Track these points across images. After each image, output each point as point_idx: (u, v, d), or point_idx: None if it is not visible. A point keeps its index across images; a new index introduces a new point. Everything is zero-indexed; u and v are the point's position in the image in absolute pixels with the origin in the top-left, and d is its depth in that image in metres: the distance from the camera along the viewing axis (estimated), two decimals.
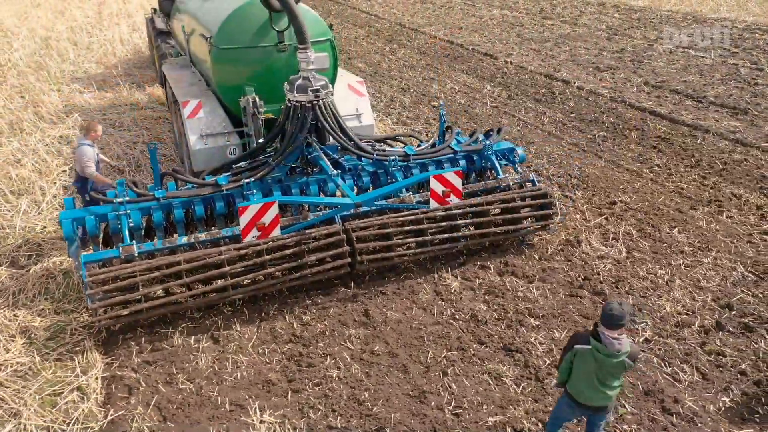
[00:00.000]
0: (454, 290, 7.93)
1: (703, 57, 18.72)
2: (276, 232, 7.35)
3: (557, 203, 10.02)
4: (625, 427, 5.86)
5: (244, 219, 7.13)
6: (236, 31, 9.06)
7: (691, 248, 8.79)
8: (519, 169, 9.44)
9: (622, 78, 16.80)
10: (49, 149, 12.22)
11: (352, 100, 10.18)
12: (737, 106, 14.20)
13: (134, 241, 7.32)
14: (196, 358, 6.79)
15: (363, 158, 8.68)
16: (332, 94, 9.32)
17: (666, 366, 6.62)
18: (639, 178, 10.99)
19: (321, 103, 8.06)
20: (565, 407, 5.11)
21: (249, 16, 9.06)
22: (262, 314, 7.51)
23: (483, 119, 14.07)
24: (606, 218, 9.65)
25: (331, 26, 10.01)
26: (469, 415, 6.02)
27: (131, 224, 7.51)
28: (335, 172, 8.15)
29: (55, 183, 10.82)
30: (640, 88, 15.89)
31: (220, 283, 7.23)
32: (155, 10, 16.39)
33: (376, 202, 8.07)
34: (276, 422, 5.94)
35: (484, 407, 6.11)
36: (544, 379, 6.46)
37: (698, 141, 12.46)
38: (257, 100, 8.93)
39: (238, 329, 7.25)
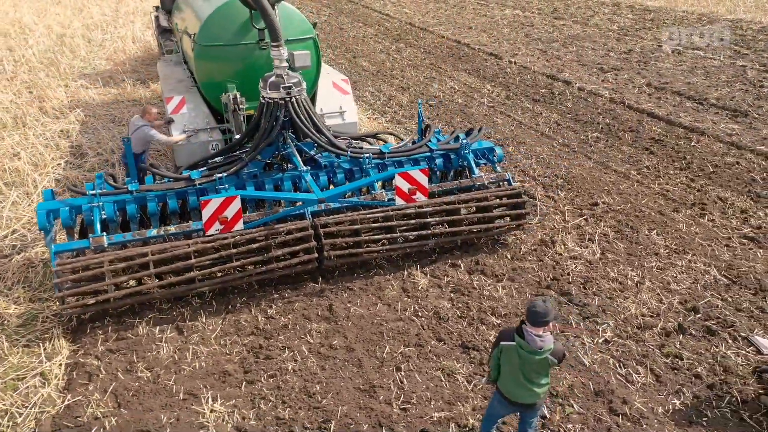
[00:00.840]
0: (422, 287, 7.99)
1: (711, 59, 18.43)
2: (239, 225, 7.48)
3: (538, 203, 10.04)
4: (570, 426, 5.87)
5: (206, 212, 7.28)
6: (218, 28, 9.22)
7: (667, 251, 8.72)
8: (498, 168, 9.44)
9: (625, 79, 16.64)
10: (48, 143, 12.55)
11: (336, 98, 10.29)
12: (738, 109, 13.99)
13: (104, 233, 7.50)
14: (158, 348, 6.96)
15: (339, 155, 8.76)
16: (306, 92, 9.46)
17: (621, 367, 6.60)
18: (625, 180, 10.91)
19: (294, 100, 8.15)
20: (497, 404, 5.15)
21: (230, 15, 9.21)
22: (229, 306, 7.66)
23: (478, 119, 14.07)
24: (585, 219, 9.62)
25: (315, 24, 10.11)
26: (416, 410, 6.08)
27: (104, 216, 7.70)
28: (305, 168, 8.26)
29: (48, 175, 11.10)
30: (641, 89, 15.73)
31: (187, 275, 7.37)
32: (157, 8, 16.69)
33: (340, 199, 8.13)
34: (226, 412, 6.07)
35: (432, 403, 6.16)
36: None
37: (692, 143, 12.31)
38: (238, 96, 9.08)
39: (204, 320, 7.40)
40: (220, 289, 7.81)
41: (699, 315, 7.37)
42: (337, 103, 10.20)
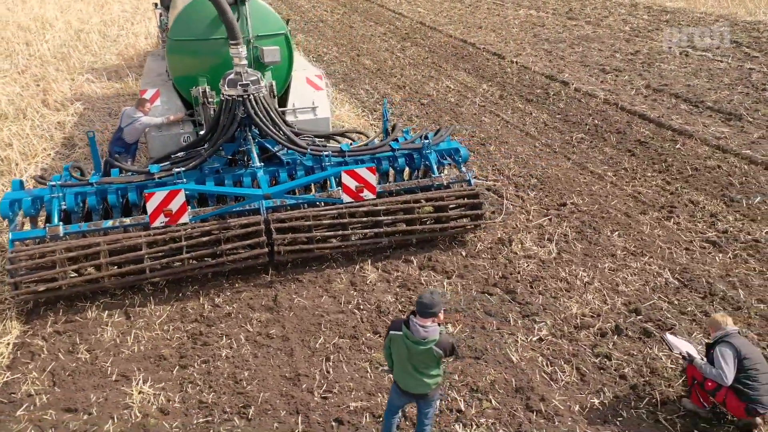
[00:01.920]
0: (370, 281, 8.10)
1: (719, 61, 18.07)
2: (184, 218, 7.69)
3: (506, 202, 10.06)
4: (483, 420, 5.93)
5: (151, 205, 7.51)
6: (189, 23, 9.45)
7: (624, 252, 8.67)
8: (463, 168, 9.47)
9: (625, 80, 16.43)
10: (43, 134, 13.01)
11: (308, 93, 10.43)
12: (733, 112, 13.72)
13: (62, 222, 7.80)
14: (103, 331, 7.22)
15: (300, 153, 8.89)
16: (278, 87, 9.65)
17: (548, 365, 6.62)
18: (599, 181, 10.83)
19: (251, 97, 8.31)
20: (394, 394, 5.25)
21: (202, 10, 9.42)
22: (179, 294, 7.89)
23: (466, 118, 14.09)
24: (550, 219, 9.60)
25: (287, 21, 10.27)
26: (335, 399, 6.21)
27: (64, 207, 7.99)
28: (259, 164, 8.43)
29: (37, 165, 11.52)
30: (638, 91, 15.52)
31: (138, 265, 7.61)
32: (156, 4, 17.07)
33: (286, 195, 8.27)
34: (152, 394, 6.29)
35: (353, 393, 6.28)
36: None
37: (677, 146, 12.14)
38: (207, 90, 9.31)
39: (152, 307, 7.65)
40: (172, 279, 8.02)
41: (640, 317, 7.33)
42: (310, 98, 10.35)
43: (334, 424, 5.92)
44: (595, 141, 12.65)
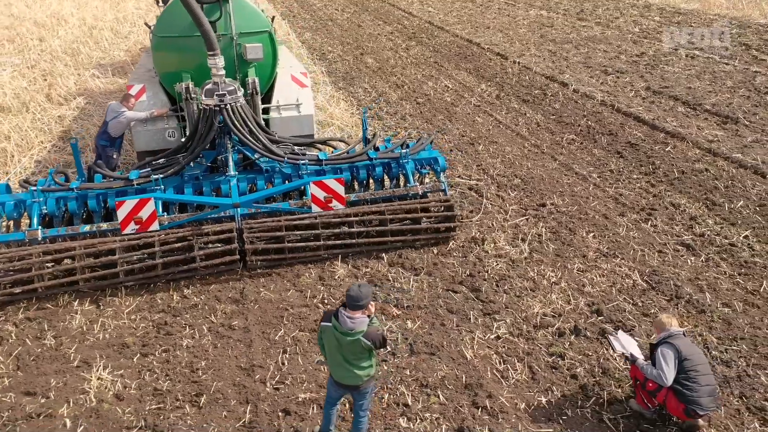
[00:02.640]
0: (339, 277, 8.21)
1: (725, 63, 17.84)
2: (154, 226, 7.89)
3: (485, 201, 10.10)
4: (427, 415, 5.99)
5: (121, 213, 7.72)
6: (174, 20, 9.63)
7: (596, 254, 8.65)
8: (442, 177, 9.46)
9: (626, 82, 16.31)
10: (43, 127, 13.34)
11: (293, 91, 10.54)
12: (730, 115, 13.56)
13: (40, 226, 8.03)
14: (72, 319, 7.43)
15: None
16: (261, 84, 9.79)
17: (501, 363, 6.66)
18: (583, 182, 10.81)
19: (228, 107, 8.44)
20: (330, 386, 5.34)
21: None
22: (150, 285, 8.07)
23: (459, 117, 14.13)
24: (527, 219, 9.62)
25: (273, 18, 10.40)
26: (286, 390, 6.33)
27: (45, 211, 8.22)
28: (233, 173, 8.59)
29: (32, 157, 11.83)
30: (637, 93, 15.41)
31: (112, 270, 7.83)
32: (158, 2, 17.33)
33: (254, 204, 8.41)
34: (110, 380, 6.46)
35: (304, 385, 6.39)
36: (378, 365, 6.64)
37: (667, 148, 12.04)
38: (191, 86, 9.47)
39: (123, 297, 7.85)
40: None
41: (601, 317, 7.33)
42: (294, 95, 10.46)
43: (281, 414, 6.03)
44: (585, 142, 12.60)
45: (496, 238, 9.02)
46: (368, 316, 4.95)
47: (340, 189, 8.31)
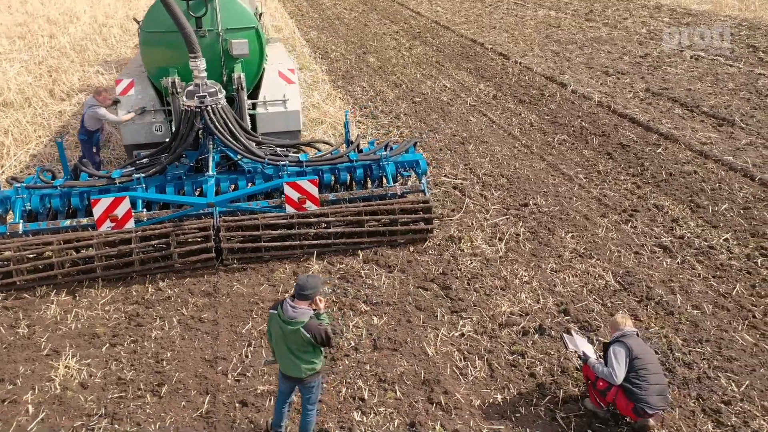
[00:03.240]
0: (312, 273, 8.28)
1: (730, 65, 17.63)
2: (130, 224, 8.04)
3: (467, 200, 10.12)
4: (382, 409, 6.06)
5: (97, 211, 7.88)
6: (161, 16, 9.72)
7: (572, 254, 8.64)
8: (424, 179, 9.49)
9: (626, 83, 16.20)
10: (42, 122, 13.60)
11: (280, 87, 10.64)
12: (727, 118, 13.42)
13: (21, 221, 8.22)
14: (47, 309, 7.59)
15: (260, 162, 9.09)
16: (248, 81, 9.92)
17: (461, 360, 6.70)
18: (568, 183, 10.78)
19: (209, 108, 8.57)
20: (279, 379, 5.42)
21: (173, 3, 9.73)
22: (128, 278, 8.21)
23: (454, 117, 14.14)
24: (507, 218, 9.63)
25: (260, 15, 10.51)
26: (246, 382, 6.43)
27: (29, 207, 8.42)
28: (211, 173, 8.73)
29: (28, 151, 12.08)
30: (636, 94, 15.30)
31: (89, 265, 8.01)
32: None
33: (228, 203, 8.54)
34: (77, 368, 6.61)
35: (264, 377, 6.49)
36: (338, 359, 6.72)
37: (658, 150, 11.96)
38: (177, 81, 9.63)
39: (99, 288, 8.01)
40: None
41: (567, 317, 7.33)
42: (281, 91, 10.56)
43: (238, 405, 6.13)
44: (576, 143, 12.55)
45: (474, 237, 9.05)
46: (315, 311, 5.02)
47: (313, 190, 8.40)
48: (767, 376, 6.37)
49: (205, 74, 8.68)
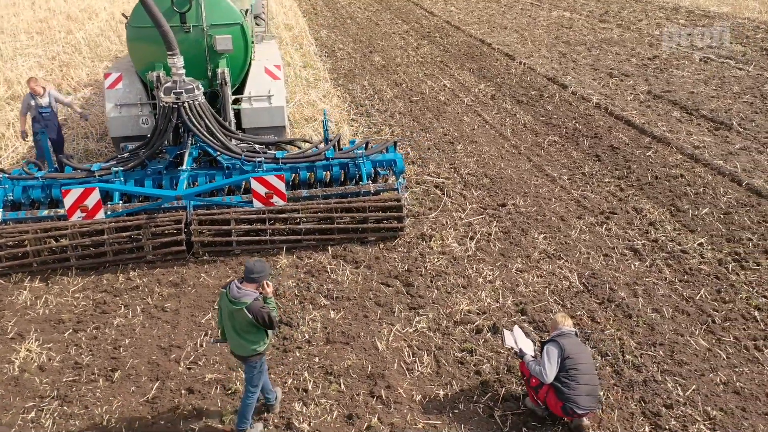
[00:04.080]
0: (280, 267, 8.43)
1: (739, 69, 17.32)
2: (100, 215, 8.27)
3: (445, 198, 10.15)
4: (323, 401, 6.16)
5: (68, 201, 8.12)
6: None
7: (541, 255, 8.63)
8: (402, 179, 9.56)
9: (628, 85, 16.02)
10: (8, 124, 13.94)
11: (265, 82, 10.78)
12: (725, 122, 13.21)
13: (1, 209, 8.50)
14: (19, 294, 7.85)
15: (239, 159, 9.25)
16: (233, 76, 10.11)
17: (410, 356, 6.76)
18: (551, 184, 10.74)
19: (186, 105, 8.76)
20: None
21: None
22: (101, 268, 8.44)
23: (448, 116, 14.17)
24: (483, 218, 9.64)
25: (247, 11, 10.68)
26: (196, 370, 6.59)
27: (11, 197, 8.70)
28: (186, 168, 8.91)
29: (27, 143, 12.43)
30: (636, 96, 15.13)
31: (63, 254, 8.29)
32: None
33: (195, 196, 8.72)
34: (37, 352, 6.84)
35: (215, 366, 6.64)
36: (290, 351, 6.83)
37: (648, 153, 11.83)
38: (162, 76, 9.85)
39: (72, 276, 8.24)
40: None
41: (524, 317, 7.33)
42: (266, 87, 10.70)
43: (184, 392, 6.28)
44: (566, 144, 12.48)
45: (446, 236, 9.08)
46: (261, 293, 5.21)
47: (280, 185, 8.53)
48: (715, 382, 6.30)
49: (183, 71, 8.87)
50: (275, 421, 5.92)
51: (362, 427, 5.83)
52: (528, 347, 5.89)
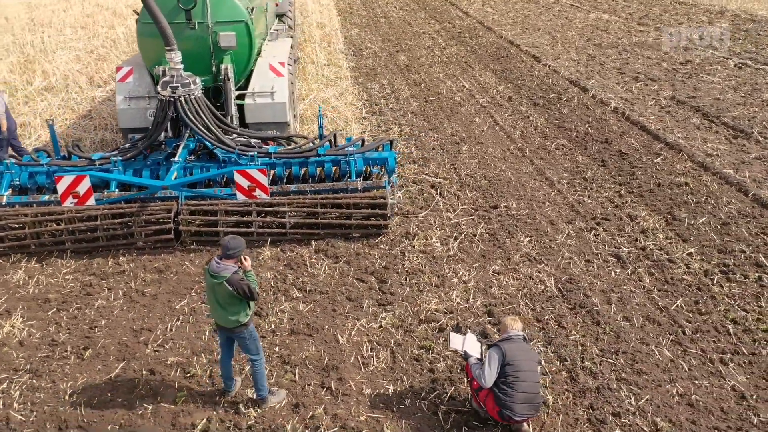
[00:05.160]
0: (262, 259, 8.64)
1: None
2: (91, 201, 8.64)
3: (438, 198, 10.19)
4: (274, 389, 6.30)
5: (61, 187, 8.52)
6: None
7: (523, 257, 8.59)
8: (394, 176, 9.66)
9: (652, 90, 15.65)
10: (73, 106, 14.63)
11: (269, 79, 11.04)
12: (745, 130, 12.79)
13: (4, 193, 8.99)
14: (15, 274, 8.31)
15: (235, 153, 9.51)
16: (236, 73, 10.41)
17: (368, 351, 6.86)
18: (549, 188, 10.64)
19: (182, 98, 9.08)
20: (219, 334, 6.01)
21: None
22: (94, 253, 8.84)
23: (459, 117, 14.16)
24: (472, 219, 9.64)
25: (252, 9, 10.95)
26: (162, 353, 6.86)
27: (17, 182, 9.20)
28: (178, 160, 9.22)
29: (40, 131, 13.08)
30: (658, 102, 14.77)
31: (58, 238, 8.72)
32: None
33: (181, 187, 9.00)
34: (20, 328, 7.25)
35: (180, 350, 6.89)
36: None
37: (657, 159, 11.57)
38: (167, 70, 10.21)
39: (66, 259, 8.66)
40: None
41: (490, 318, 7.34)
42: (269, 84, 10.95)
43: (146, 372, 6.55)
44: (574, 148, 12.32)
45: (430, 235, 9.13)
46: (240, 268, 5.54)
47: (263, 179, 8.74)
48: (671, 393, 6.19)
49: (181, 66, 9.19)
50: (225, 406, 6.11)
51: (306, 416, 5.96)
52: (475, 350, 5.90)
